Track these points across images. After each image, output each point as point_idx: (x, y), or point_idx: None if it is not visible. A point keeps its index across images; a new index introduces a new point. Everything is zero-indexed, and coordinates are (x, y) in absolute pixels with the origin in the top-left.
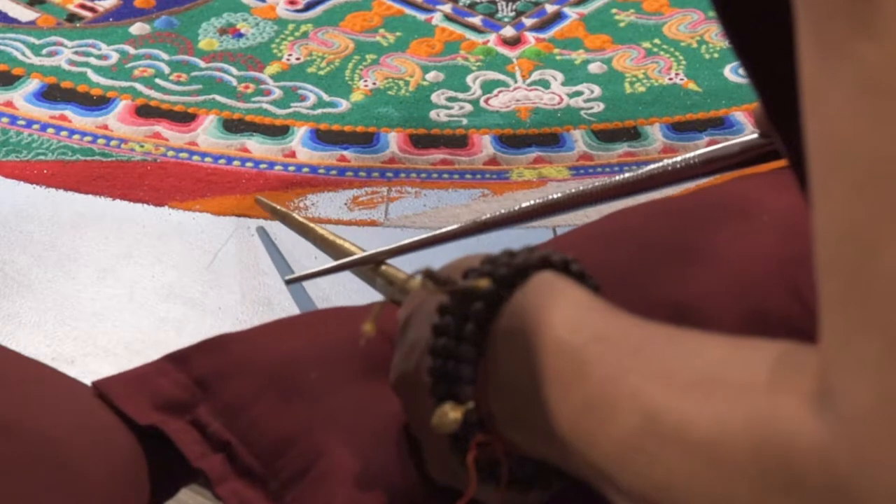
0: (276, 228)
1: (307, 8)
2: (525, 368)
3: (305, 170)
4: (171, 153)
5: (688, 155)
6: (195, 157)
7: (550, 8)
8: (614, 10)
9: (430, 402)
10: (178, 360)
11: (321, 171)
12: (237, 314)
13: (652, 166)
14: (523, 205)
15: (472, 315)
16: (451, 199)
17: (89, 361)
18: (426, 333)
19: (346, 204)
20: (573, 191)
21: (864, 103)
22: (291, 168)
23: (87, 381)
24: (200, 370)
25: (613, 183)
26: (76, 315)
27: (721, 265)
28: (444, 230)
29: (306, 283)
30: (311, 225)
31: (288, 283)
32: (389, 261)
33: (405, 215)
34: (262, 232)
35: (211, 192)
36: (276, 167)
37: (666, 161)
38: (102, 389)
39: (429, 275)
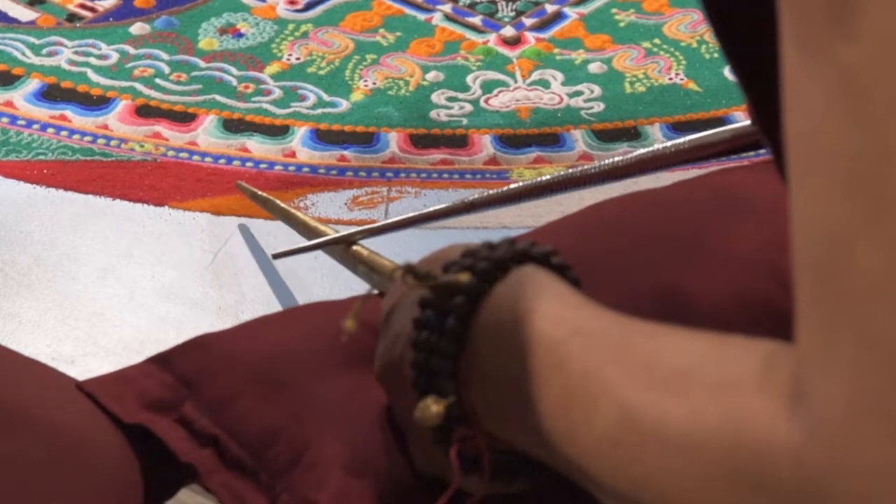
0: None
1: (307, 8)
2: (506, 362)
3: (305, 170)
4: (171, 153)
5: (679, 140)
6: (195, 157)
7: (550, 8)
8: (614, 10)
9: (413, 395)
10: (162, 361)
11: (321, 171)
12: (237, 314)
13: (642, 151)
14: (511, 186)
15: (454, 309)
16: (451, 199)
17: (89, 361)
18: (409, 326)
19: (346, 204)
20: (562, 173)
21: (842, 103)
22: (291, 168)
23: None
24: (184, 369)
25: (604, 166)
26: (76, 315)
27: (704, 251)
28: (431, 209)
29: (291, 281)
30: (293, 211)
31: (275, 257)
32: (382, 251)
33: (405, 215)
34: (245, 229)
35: (211, 192)
36: (276, 167)
37: (657, 146)
38: (88, 390)
39: (409, 269)
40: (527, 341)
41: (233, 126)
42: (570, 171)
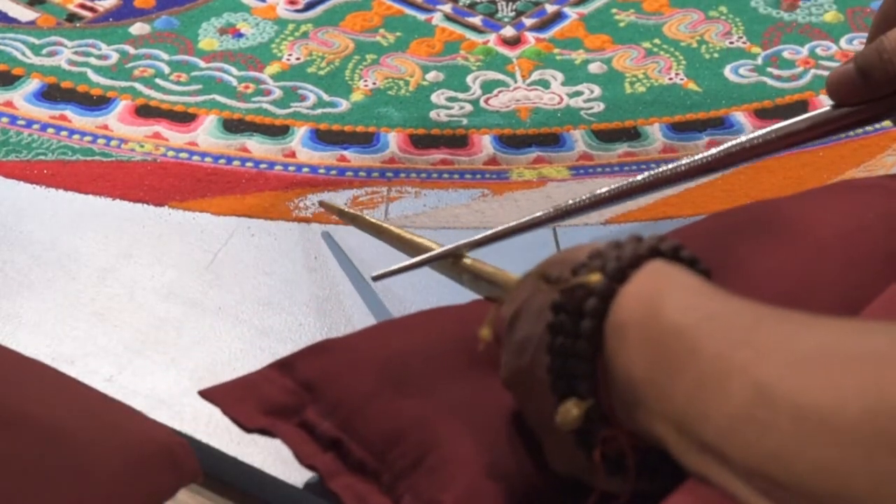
0: (342, 232)
1: (307, 8)
2: (640, 356)
3: (305, 170)
4: (171, 153)
5: (766, 129)
6: (195, 157)
7: (550, 8)
8: (614, 10)
9: (551, 400)
10: (283, 367)
11: (321, 171)
12: (237, 314)
13: (730, 143)
14: (601, 190)
15: (588, 312)
16: (451, 199)
17: (89, 361)
18: (538, 331)
19: (346, 204)
20: (652, 173)
21: None
22: (291, 168)
23: (87, 381)
24: (306, 374)
25: (696, 162)
26: (76, 315)
27: (822, 255)
28: (528, 218)
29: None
30: (386, 225)
31: (375, 279)
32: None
33: (405, 215)
34: (328, 237)
35: (211, 192)
36: (276, 167)
37: (743, 138)
38: (209, 398)
39: (542, 274)
40: (658, 333)
41: (233, 126)
42: (663, 168)
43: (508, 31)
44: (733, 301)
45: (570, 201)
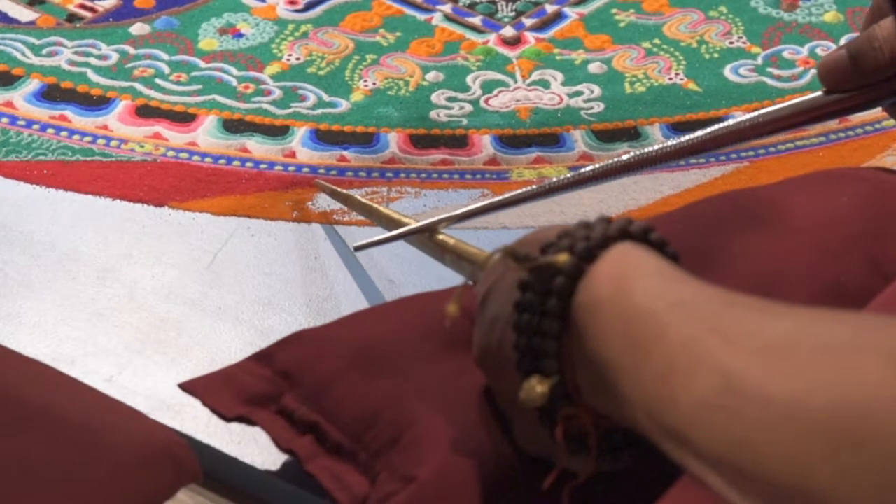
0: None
1: (307, 8)
2: (607, 338)
3: (305, 170)
4: (171, 153)
5: (755, 113)
6: (195, 157)
7: (550, 8)
8: (614, 10)
9: (517, 377)
10: (261, 358)
11: (321, 171)
12: (237, 314)
13: (717, 126)
14: (587, 168)
15: (555, 290)
16: (451, 199)
17: (89, 361)
18: (507, 309)
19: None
20: (637, 153)
21: None
22: (291, 168)
23: (87, 381)
24: (283, 363)
25: (682, 144)
26: (76, 315)
27: (797, 238)
28: (509, 195)
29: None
30: (375, 205)
31: (356, 249)
32: (464, 238)
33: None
34: (330, 229)
35: (211, 192)
36: (276, 167)
37: (729, 122)
38: (188, 390)
39: (510, 252)
40: (627, 316)
41: (233, 126)
42: (654, 148)
43: (508, 31)
44: (702, 287)
45: (555, 178)
